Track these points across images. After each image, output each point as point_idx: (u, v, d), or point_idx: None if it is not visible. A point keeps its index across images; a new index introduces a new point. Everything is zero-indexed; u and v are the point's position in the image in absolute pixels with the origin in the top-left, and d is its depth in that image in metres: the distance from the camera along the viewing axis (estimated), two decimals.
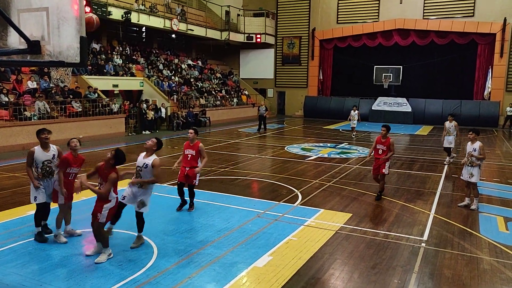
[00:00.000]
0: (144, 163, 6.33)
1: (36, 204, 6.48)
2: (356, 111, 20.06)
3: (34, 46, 3.54)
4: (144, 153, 6.49)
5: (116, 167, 5.98)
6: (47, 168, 6.47)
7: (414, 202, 9.05)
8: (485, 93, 27.21)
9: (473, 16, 26.91)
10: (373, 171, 9.32)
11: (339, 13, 31.00)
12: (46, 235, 6.60)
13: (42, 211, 6.55)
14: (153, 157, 6.37)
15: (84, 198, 8.93)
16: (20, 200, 8.68)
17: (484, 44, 27.31)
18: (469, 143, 8.57)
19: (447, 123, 13.23)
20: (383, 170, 9.01)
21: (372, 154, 9.32)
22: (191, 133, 8.04)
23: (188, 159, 8.00)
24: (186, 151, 8.05)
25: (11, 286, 5.08)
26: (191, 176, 7.94)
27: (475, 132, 8.55)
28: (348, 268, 5.81)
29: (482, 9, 26.62)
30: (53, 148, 6.70)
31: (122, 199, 6.36)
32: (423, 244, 6.65)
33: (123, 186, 6.84)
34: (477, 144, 8.37)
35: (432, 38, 28.26)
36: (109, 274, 5.40)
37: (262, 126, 21.85)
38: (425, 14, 28.27)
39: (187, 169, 7.98)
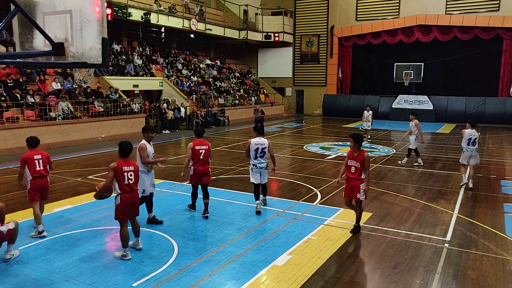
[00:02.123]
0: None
1: (144, 196, 7.10)
2: (370, 112, 18.00)
3: (58, 48, 3.63)
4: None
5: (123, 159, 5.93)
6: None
7: (437, 202, 8.88)
8: (511, 90, 26.43)
9: (498, 10, 26.16)
10: (345, 194, 6.96)
11: (358, 10, 30.64)
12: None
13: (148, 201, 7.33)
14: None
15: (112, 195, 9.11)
16: (48, 197, 8.90)
17: (510, 39, 26.52)
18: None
19: (410, 123, 12.49)
20: (358, 195, 6.75)
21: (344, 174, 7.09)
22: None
23: None
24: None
25: (39, 281, 5.24)
26: None
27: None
28: (368, 268, 5.75)
29: (507, 3, 25.85)
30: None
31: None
32: (446, 245, 6.52)
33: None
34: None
35: (455, 33, 27.61)
36: (131, 271, 5.50)
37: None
38: (447, 9, 27.64)
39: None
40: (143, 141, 7.11)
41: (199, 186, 7.86)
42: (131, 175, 5.84)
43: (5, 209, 5.88)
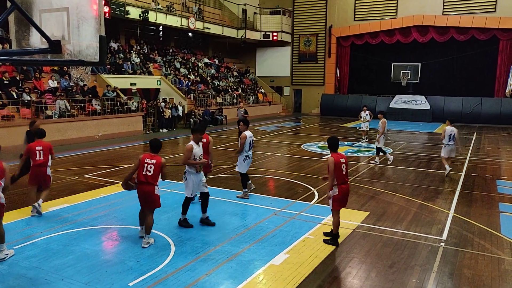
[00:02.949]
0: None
1: (188, 197, 7.10)
2: (367, 112, 17.78)
3: (55, 46, 3.61)
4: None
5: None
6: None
7: (433, 201, 8.91)
8: (507, 90, 26.53)
9: (494, 11, 26.26)
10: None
11: (356, 10, 30.67)
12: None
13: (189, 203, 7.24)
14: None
15: (103, 195, 9.11)
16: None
17: (506, 40, 26.63)
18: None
19: (379, 122, 12.82)
20: (330, 202, 6.50)
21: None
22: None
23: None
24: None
25: (34, 280, 5.22)
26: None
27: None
28: (365, 266, 5.76)
29: (504, 4, 25.95)
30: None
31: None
32: (442, 244, 6.54)
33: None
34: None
35: (452, 34, 27.70)
36: (128, 270, 5.49)
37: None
38: (444, 10, 27.72)
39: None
40: (191, 142, 6.96)
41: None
42: (150, 167, 6.23)
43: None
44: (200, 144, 7.06)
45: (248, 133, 8.56)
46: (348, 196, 6.68)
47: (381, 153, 13.09)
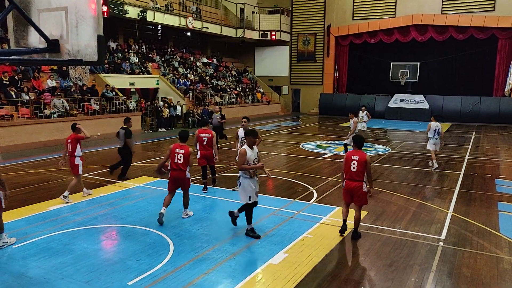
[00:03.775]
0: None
1: (248, 203, 6.65)
2: (365, 112, 17.05)
3: (53, 45, 3.61)
4: (242, 129, 8.84)
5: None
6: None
7: (432, 200, 8.92)
8: (506, 89, 26.59)
9: (493, 10, 26.30)
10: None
11: (354, 9, 30.68)
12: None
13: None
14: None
15: (102, 194, 9.11)
16: (42, 196, 8.90)
17: (505, 39, 26.68)
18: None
19: (350, 121, 13.28)
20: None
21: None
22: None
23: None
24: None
25: (34, 279, 5.21)
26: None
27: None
28: (364, 265, 5.77)
29: (502, 3, 25.99)
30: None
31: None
32: (441, 243, 6.56)
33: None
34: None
35: (451, 33, 27.74)
36: (128, 269, 5.49)
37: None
38: (443, 9, 27.75)
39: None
40: (245, 146, 6.57)
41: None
42: (180, 157, 7.14)
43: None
44: (255, 148, 6.57)
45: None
46: (351, 195, 6.59)
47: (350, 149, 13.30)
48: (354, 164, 6.44)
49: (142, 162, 12.87)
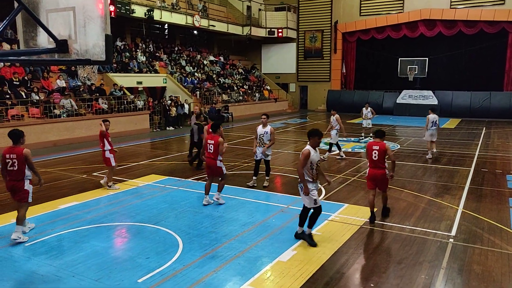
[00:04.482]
0: (265, 131, 9.27)
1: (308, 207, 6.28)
2: (369, 108, 17.48)
3: (62, 45, 3.64)
4: (261, 126, 9.36)
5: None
6: (317, 170, 6.23)
7: (442, 197, 8.85)
8: None
9: (503, 3, 25.91)
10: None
11: (362, 5, 30.45)
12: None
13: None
14: (269, 127, 9.32)
15: (112, 193, 9.18)
16: (52, 194, 8.99)
17: None
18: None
19: (331, 117, 13.16)
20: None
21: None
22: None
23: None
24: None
25: (46, 277, 5.28)
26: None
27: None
28: (373, 263, 5.75)
29: None
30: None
31: (256, 158, 9.40)
32: (451, 240, 6.50)
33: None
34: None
35: (460, 28, 27.39)
36: (137, 267, 5.53)
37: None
38: (452, 3, 27.41)
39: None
40: (308, 147, 6.19)
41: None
42: (211, 146, 7.95)
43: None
44: (317, 149, 6.36)
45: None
46: (376, 181, 7.24)
47: (336, 149, 13.20)
48: (375, 153, 7.17)
49: (151, 160, 12.94)
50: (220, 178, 8.24)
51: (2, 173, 6.44)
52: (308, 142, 6.31)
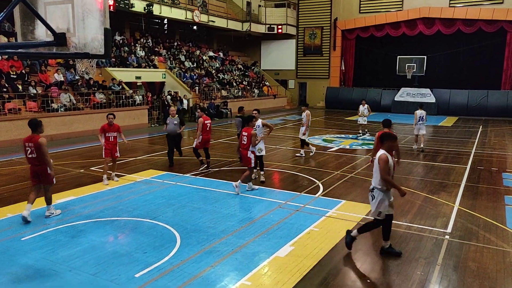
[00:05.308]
0: (257, 125, 9.57)
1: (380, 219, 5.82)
2: (366, 106, 17.53)
3: (60, 38, 3.62)
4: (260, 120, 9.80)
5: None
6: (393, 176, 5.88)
7: (438, 194, 8.89)
8: None
9: (502, 3, 25.94)
10: None
11: (361, 3, 30.43)
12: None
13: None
14: (260, 120, 9.81)
15: (109, 188, 9.18)
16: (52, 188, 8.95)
17: None
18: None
19: (302, 114, 13.20)
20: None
21: None
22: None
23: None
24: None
25: (43, 271, 5.28)
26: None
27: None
28: (370, 259, 5.77)
29: None
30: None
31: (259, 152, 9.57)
32: (447, 237, 6.54)
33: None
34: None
35: (459, 26, 27.42)
36: (134, 261, 5.54)
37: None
38: (451, 2, 27.43)
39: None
40: (384, 152, 5.69)
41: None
42: (245, 138, 8.77)
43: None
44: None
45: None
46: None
47: (308, 146, 13.12)
48: None
49: (149, 156, 12.94)
50: (247, 169, 8.92)
51: (27, 159, 7.08)
52: (381, 147, 5.79)
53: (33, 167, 7.00)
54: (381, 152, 5.71)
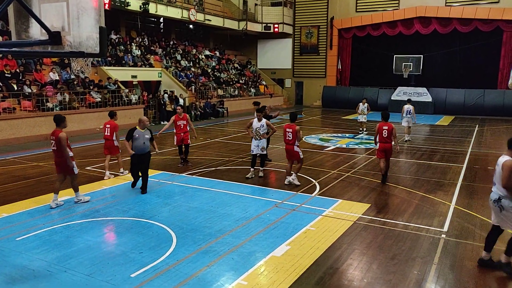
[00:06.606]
0: (261, 125, 9.80)
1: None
2: (366, 104, 17.66)
3: (55, 37, 3.58)
4: (256, 119, 9.86)
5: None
6: None
7: (435, 193, 8.90)
8: (510, 82, 26.39)
9: (498, 2, 26.03)
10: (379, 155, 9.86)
11: (358, 2, 30.45)
12: None
13: None
14: (264, 120, 9.82)
15: (105, 187, 9.13)
16: (44, 188, 8.93)
17: (510, 31, 26.44)
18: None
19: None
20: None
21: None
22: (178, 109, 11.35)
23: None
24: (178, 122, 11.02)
25: (37, 272, 5.24)
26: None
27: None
28: (366, 258, 5.77)
29: None
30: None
31: (252, 152, 9.98)
32: (444, 236, 6.55)
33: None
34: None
35: (455, 25, 27.49)
36: (130, 261, 5.51)
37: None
38: (447, 1, 27.49)
39: (182, 134, 11.06)
40: (509, 157, 5.30)
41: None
42: (290, 134, 9.06)
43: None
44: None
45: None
46: (385, 152, 9.56)
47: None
48: (385, 132, 9.45)
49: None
50: (297, 162, 9.29)
51: (52, 151, 7.72)
52: (507, 153, 5.36)
53: (55, 158, 7.74)
54: (505, 157, 5.25)
